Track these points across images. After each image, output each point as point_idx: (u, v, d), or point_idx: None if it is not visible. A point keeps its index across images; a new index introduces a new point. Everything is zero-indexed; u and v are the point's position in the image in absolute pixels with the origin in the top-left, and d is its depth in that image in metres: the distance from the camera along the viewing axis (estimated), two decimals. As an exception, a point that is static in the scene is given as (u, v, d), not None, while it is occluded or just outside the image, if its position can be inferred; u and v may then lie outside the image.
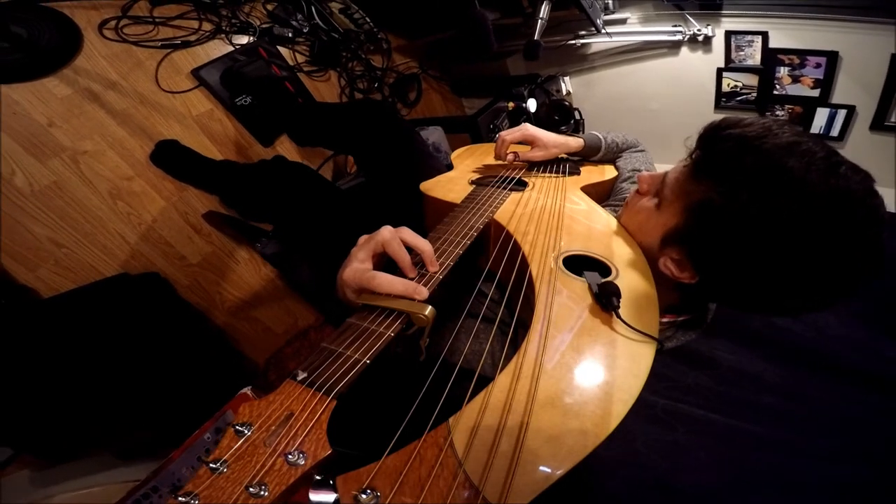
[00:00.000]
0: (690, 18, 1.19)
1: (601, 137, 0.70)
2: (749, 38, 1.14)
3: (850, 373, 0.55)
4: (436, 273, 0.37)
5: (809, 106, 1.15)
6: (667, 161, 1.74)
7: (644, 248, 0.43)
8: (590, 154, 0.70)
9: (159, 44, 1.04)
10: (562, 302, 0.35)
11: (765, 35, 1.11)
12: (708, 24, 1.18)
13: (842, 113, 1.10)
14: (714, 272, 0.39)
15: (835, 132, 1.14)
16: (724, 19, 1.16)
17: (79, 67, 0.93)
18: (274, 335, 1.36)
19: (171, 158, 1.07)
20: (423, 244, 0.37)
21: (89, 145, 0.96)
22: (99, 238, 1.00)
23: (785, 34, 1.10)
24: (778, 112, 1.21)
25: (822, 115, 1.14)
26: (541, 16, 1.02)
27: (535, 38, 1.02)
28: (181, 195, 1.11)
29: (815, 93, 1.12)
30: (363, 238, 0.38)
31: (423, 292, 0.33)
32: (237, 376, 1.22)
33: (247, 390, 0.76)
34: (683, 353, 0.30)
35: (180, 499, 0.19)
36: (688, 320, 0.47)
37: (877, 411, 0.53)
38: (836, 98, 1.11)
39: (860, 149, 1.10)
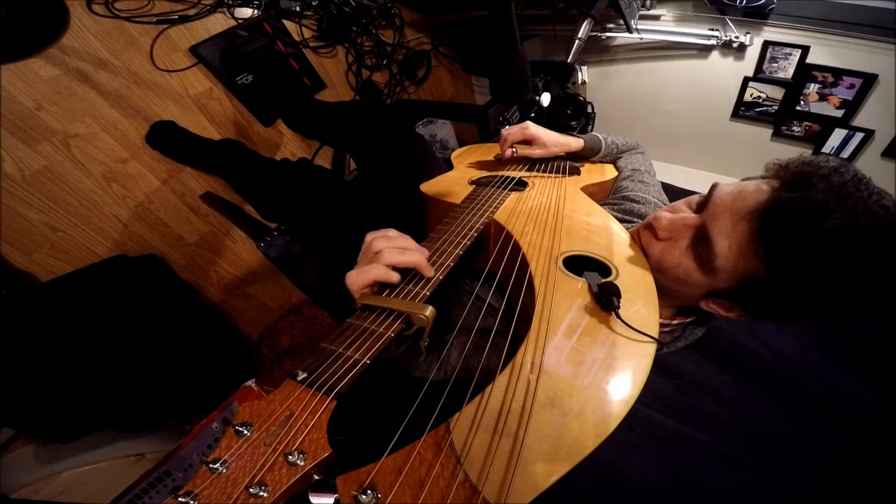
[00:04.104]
0: (730, 24, 1.14)
1: (601, 139, 0.70)
2: (787, 50, 1.11)
3: (800, 396, 0.59)
4: (435, 274, 0.36)
5: (828, 125, 1.13)
6: (673, 161, 1.70)
7: (677, 291, 0.43)
8: (589, 155, 0.71)
9: (154, 19, 0.98)
10: (561, 302, 0.35)
11: (805, 49, 1.08)
12: (748, 33, 1.13)
13: (858, 136, 1.10)
14: (768, 314, 0.39)
15: (845, 154, 1.14)
16: (765, 28, 1.12)
17: (66, 46, 0.88)
18: (268, 310, 1.37)
19: (168, 140, 1.04)
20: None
21: (81, 128, 0.93)
22: (94, 221, 0.98)
23: (827, 51, 1.06)
24: (794, 128, 1.20)
25: (838, 135, 1.13)
26: (579, 36, 0.95)
27: (569, 60, 0.95)
28: (178, 176, 1.09)
29: (839, 113, 1.10)
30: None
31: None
32: (232, 351, 1.25)
33: (251, 383, 0.79)
34: (655, 362, 0.31)
35: (180, 499, 0.19)
36: (695, 320, 0.47)
37: (812, 433, 0.56)
38: (859, 121, 1.09)
39: (866, 173, 1.09)
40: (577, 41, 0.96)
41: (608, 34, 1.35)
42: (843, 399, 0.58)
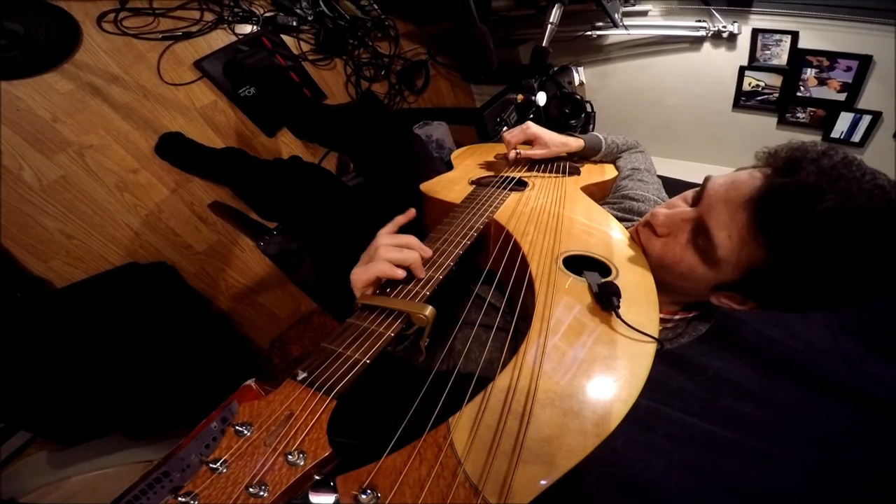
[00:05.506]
0: (717, 14, 1.14)
1: (601, 138, 0.70)
2: (777, 37, 1.09)
3: (832, 387, 0.56)
4: (435, 274, 0.36)
5: (833, 110, 1.11)
6: (680, 156, 1.69)
7: (683, 287, 0.42)
8: (590, 154, 0.71)
9: (160, 36, 1.03)
10: (561, 302, 0.34)
11: (795, 35, 1.07)
12: (735, 21, 1.13)
13: (866, 119, 1.07)
14: (779, 304, 0.38)
15: (856, 138, 1.11)
16: (752, 17, 1.11)
17: (80, 62, 0.93)
18: (278, 319, 1.39)
19: (176, 151, 1.07)
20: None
21: (94, 139, 0.97)
22: (108, 229, 1.02)
23: (817, 35, 1.05)
24: (799, 114, 1.18)
25: (844, 119, 1.11)
26: (550, 20, 0.96)
27: (543, 44, 0.97)
28: (187, 186, 1.13)
29: (841, 97, 1.08)
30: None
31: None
32: (242, 360, 1.26)
33: (251, 382, 0.78)
34: (673, 358, 0.30)
35: (180, 499, 0.19)
36: (698, 315, 0.46)
37: (845, 424, 0.53)
38: (863, 103, 1.07)
39: (880, 156, 1.08)
40: (549, 25, 0.97)
41: (599, 32, 1.35)
42: (878, 387, 0.55)
